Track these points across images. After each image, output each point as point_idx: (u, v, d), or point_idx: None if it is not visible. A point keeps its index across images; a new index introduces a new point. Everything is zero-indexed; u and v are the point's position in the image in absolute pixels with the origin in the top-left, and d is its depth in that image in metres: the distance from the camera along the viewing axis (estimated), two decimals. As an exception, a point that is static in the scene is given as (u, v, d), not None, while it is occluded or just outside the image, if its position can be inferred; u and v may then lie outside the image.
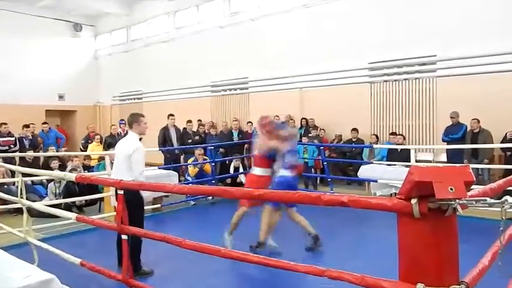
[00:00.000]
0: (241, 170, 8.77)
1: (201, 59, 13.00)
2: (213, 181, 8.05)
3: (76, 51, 16.81)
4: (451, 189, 1.37)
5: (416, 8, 8.88)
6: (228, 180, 8.82)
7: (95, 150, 8.99)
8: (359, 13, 9.74)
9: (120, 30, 16.46)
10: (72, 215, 3.67)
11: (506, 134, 7.16)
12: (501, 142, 7.21)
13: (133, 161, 3.94)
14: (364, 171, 7.59)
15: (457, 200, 1.37)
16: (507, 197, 1.33)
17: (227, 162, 9.30)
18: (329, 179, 8.16)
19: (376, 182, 7.22)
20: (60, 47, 16.21)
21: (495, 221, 1.96)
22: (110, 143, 8.73)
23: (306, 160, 8.96)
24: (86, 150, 9.28)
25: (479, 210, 4.97)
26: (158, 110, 12.55)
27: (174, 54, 13.91)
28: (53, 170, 7.08)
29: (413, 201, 1.48)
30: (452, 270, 1.51)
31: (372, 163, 7.85)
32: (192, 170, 7.96)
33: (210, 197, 7.50)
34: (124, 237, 3.13)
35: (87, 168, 8.18)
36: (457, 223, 1.54)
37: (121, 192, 3.09)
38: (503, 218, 1.34)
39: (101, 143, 9.26)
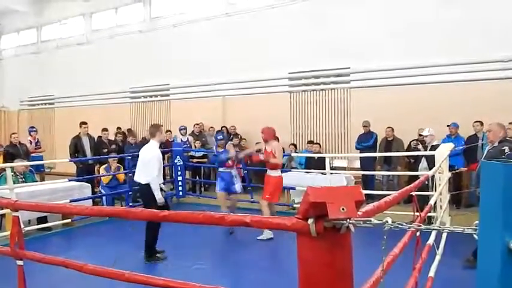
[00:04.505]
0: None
1: (120, 64, 12.39)
2: (131, 192, 7.71)
3: (-25, 50, 15.08)
4: (343, 209, 1.42)
5: (332, 23, 9.41)
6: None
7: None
8: (279, 24, 10.06)
9: (29, 30, 15.13)
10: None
11: (410, 142, 7.82)
12: (406, 150, 7.88)
13: (150, 167, 4.71)
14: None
15: (348, 220, 1.43)
16: (387, 219, 1.43)
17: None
18: (249, 187, 8.25)
19: (295, 189, 7.46)
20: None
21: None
22: (12, 153, 7.85)
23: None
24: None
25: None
26: (73, 116, 11.70)
27: (91, 58, 13.10)
28: None
29: (310, 221, 1.52)
30: (346, 285, 1.57)
31: (291, 171, 8.11)
32: (105, 178, 7.67)
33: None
34: (19, 262, 2.81)
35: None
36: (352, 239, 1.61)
37: (16, 214, 2.79)
38: (385, 237, 1.43)
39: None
